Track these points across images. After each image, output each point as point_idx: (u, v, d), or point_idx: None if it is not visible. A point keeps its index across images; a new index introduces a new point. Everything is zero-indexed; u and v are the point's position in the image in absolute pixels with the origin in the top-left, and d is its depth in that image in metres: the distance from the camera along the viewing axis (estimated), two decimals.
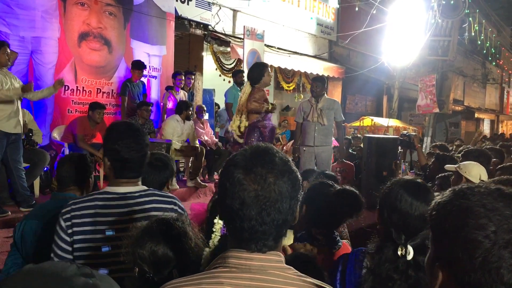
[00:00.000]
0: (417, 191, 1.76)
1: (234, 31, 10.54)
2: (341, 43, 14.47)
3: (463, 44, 19.53)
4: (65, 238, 1.93)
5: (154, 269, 1.52)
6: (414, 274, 1.68)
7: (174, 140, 7.11)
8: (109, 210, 1.96)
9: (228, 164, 1.16)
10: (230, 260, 1.13)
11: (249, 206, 1.09)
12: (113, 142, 2.01)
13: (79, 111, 7.03)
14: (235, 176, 1.11)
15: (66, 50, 6.89)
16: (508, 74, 28.91)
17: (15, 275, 0.74)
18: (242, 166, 1.12)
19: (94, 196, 2.01)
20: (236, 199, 1.10)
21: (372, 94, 17.78)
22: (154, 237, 1.54)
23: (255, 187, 1.09)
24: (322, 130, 6.35)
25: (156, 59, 8.55)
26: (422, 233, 1.72)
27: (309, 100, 6.56)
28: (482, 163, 3.74)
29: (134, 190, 2.05)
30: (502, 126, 29.66)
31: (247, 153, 1.15)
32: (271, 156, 1.14)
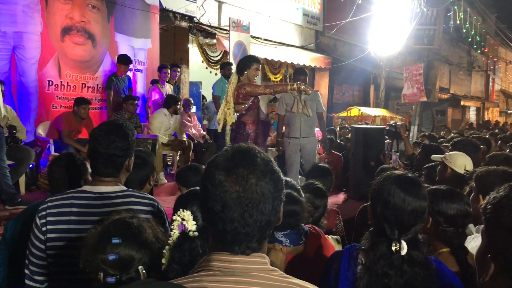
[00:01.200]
0: (409, 186, 1.76)
1: (219, 23, 10.46)
2: (327, 33, 14.45)
3: (448, 32, 19.65)
4: (39, 236, 1.91)
5: (120, 271, 1.49)
6: (409, 269, 1.69)
7: (162, 134, 7.07)
8: (84, 210, 1.94)
9: (209, 166, 1.14)
10: (213, 263, 1.11)
11: (231, 208, 1.07)
12: (93, 137, 2.01)
13: (64, 107, 6.95)
14: (216, 178, 1.09)
15: (49, 45, 6.79)
16: (493, 61, 29.19)
17: None
18: (224, 168, 1.10)
19: (71, 195, 1.99)
20: (218, 201, 1.08)
21: (359, 84, 17.83)
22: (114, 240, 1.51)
23: (236, 189, 1.07)
24: (307, 121, 6.34)
25: (141, 53, 8.47)
26: (414, 227, 1.72)
27: (291, 92, 6.52)
28: (469, 152, 3.76)
29: (112, 190, 2.01)
30: (487, 113, 29.99)
31: (228, 154, 1.13)
32: (253, 156, 1.12)
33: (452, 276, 1.82)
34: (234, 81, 5.41)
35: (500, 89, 32.57)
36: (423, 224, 1.80)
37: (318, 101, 6.55)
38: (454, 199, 2.19)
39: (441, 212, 2.15)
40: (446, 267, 1.85)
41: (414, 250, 1.70)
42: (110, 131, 2.01)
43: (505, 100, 34.60)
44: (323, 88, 14.72)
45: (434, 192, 2.24)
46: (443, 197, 2.19)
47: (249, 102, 5.32)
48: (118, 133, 2.02)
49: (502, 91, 33.12)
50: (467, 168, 3.36)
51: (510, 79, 34.13)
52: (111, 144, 1.99)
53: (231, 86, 5.40)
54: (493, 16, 26.74)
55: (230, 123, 5.47)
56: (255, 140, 5.34)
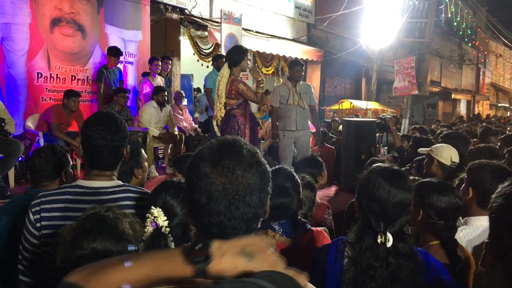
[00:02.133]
0: (394, 178, 1.76)
1: (211, 15, 10.40)
2: (319, 26, 14.43)
3: (439, 25, 19.70)
4: (33, 231, 1.88)
5: None
6: (395, 261, 1.69)
7: (152, 127, 7.03)
8: (80, 205, 1.88)
9: (194, 158, 1.12)
10: None
11: (217, 200, 1.05)
12: (86, 128, 1.95)
13: (53, 99, 6.89)
14: (202, 170, 1.07)
15: (38, 37, 6.71)
16: (483, 54, 29.34)
17: None
18: (209, 159, 1.08)
19: (65, 190, 1.94)
20: (203, 193, 1.06)
21: (351, 77, 17.85)
22: (90, 234, 1.48)
23: (222, 180, 1.05)
24: (303, 113, 6.33)
25: (132, 45, 8.40)
26: (400, 220, 1.73)
27: (284, 83, 6.48)
28: (458, 145, 3.79)
29: (108, 185, 1.97)
30: (478, 107, 30.18)
31: (214, 146, 1.11)
32: (238, 148, 1.10)
33: (440, 267, 1.82)
34: (226, 75, 5.32)
35: (491, 82, 32.77)
36: (409, 216, 1.80)
37: (311, 93, 6.55)
38: (445, 192, 2.19)
39: (432, 205, 2.15)
40: (433, 259, 1.85)
41: (400, 242, 1.71)
42: (108, 122, 1.96)
43: (495, 93, 34.84)
44: (315, 81, 14.72)
45: (425, 185, 2.24)
46: (434, 190, 2.19)
47: (238, 102, 5.27)
48: (115, 123, 1.98)
49: (493, 84, 33.33)
50: (453, 159, 3.39)
51: (500, 72, 34.34)
52: (114, 135, 1.94)
53: (223, 79, 5.32)
54: (484, 9, 26.84)
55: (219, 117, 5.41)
56: (245, 133, 5.30)
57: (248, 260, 0.89)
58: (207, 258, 0.89)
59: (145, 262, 0.93)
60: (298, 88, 6.33)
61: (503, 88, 35.27)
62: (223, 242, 0.92)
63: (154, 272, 0.92)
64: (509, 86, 36.27)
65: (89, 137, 1.92)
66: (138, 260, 0.93)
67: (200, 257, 0.89)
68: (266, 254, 0.92)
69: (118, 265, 0.93)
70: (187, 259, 0.90)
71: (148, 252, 0.92)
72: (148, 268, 0.92)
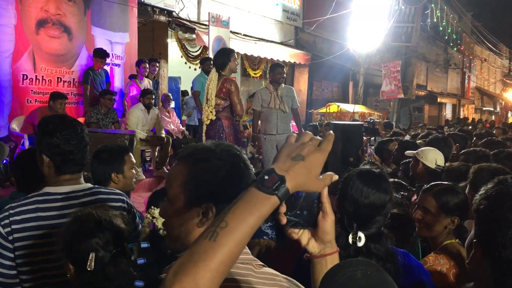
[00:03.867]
0: (369, 178, 1.76)
1: (199, 17, 10.39)
2: (307, 30, 14.49)
3: (425, 30, 19.92)
4: (7, 245, 1.78)
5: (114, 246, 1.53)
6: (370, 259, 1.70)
7: (139, 129, 6.98)
8: (52, 213, 1.83)
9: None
10: None
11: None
12: (50, 136, 1.87)
13: (39, 101, 6.81)
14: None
15: (24, 38, 6.63)
16: (469, 59, 29.70)
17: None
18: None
19: (34, 199, 1.86)
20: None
21: (338, 80, 17.95)
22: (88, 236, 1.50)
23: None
24: (284, 117, 6.36)
25: (119, 47, 8.35)
26: (375, 220, 1.72)
27: (266, 87, 6.51)
28: (443, 148, 3.83)
29: (78, 188, 1.92)
30: (463, 110, 30.53)
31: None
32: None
33: (421, 268, 1.85)
34: (214, 79, 5.33)
35: (476, 86, 33.18)
36: (386, 218, 1.79)
37: (293, 97, 6.57)
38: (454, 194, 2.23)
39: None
40: (414, 260, 1.88)
41: (374, 243, 1.70)
42: (70, 125, 1.92)
43: (480, 97, 35.28)
44: (302, 84, 14.77)
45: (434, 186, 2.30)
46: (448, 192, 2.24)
47: (227, 102, 5.27)
48: (77, 124, 1.95)
49: (478, 88, 33.75)
50: (438, 162, 3.43)
51: (485, 76, 34.80)
52: (81, 137, 1.91)
53: (211, 83, 5.32)
54: (469, 14, 27.21)
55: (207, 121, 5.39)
56: (231, 137, 5.29)
57: (303, 160, 0.91)
58: (282, 181, 0.89)
59: (235, 223, 0.87)
60: (280, 91, 6.35)
61: (488, 92, 35.75)
62: (276, 162, 0.93)
63: (250, 224, 0.87)
64: (493, 90, 36.79)
65: (57, 144, 1.86)
66: (230, 225, 0.87)
67: (275, 184, 0.89)
68: (310, 148, 0.93)
69: (209, 243, 0.85)
70: (266, 192, 0.89)
71: (226, 215, 0.87)
72: (243, 226, 0.87)
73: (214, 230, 0.86)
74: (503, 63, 36.73)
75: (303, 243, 1.05)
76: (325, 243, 1.05)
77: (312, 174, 0.92)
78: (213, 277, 0.82)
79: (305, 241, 1.05)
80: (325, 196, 1.00)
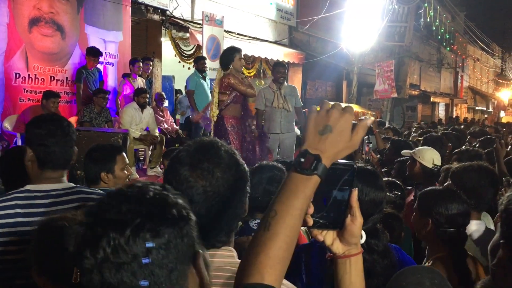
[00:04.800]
0: (367, 177, 1.79)
1: (192, 16, 10.36)
2: (301, 29, 14.49)
3: (419, 29, 19.98)
4: None
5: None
6: (368, 257, 1.71)
7: (133, 128, 6.96)
8: (32, 210, 1.80)
9: (172, 161, 1.12)
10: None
11: (197, 203, 1.06)
12: (35, 127, 1.88)
13: (31, 100, 6.77)
14: (181, 174, 1.07)
15: (16, 36, 6.59)
16: (461, 59, 29.85)
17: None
18: (188, 163, 1.08)
19: (13, 195, 1.84)
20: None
21: (332, 79, 17.97)
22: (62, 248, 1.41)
23: (202, 183, 1.06)
24: (287, 116, 6.37)
25: (112, 45, 8.31)
26: (372, 217, 1.74)
27: (269, 86, 6.52)
28: (438, 147, 3.84)
29: (59, 187, 1.89)
30: (456, 110, 30.68)
31: (192, 149, 1.11)
32: (216, 150, 1.11)
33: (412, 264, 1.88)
34: (218, 77, 5.42)
35: (468, 86, 33.34)
36: (381, 214, 1.82)
37: (296, 96, 6.59)
38: (453, 198, 2.16)
39: (441, 213, 2.12)
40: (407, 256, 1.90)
41: (373, 239, 1.73)
42: (57, 120, 1.93)
43: (473, 96, 35.47)
44: (296, 84, 14.75)
45: (431, 193, 2.24)
46: (442, 198, 2.17)
47: (230, 97, 5.28)
48: (64, 121, 1.95)
49: (470, 88, 33.92)
50: (435, 162, 3.44)
51: (478, 76, 34.98)
52: (66, 132, 1.91)
53: (215, 82, 5.43)
54: (462, 14, 27.35)
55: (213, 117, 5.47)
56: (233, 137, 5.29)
57: (331, 132, 0.93)
58: (318, 160, 0.91)
59: (283, 209, 0.90)
60: (283, 90, 6.36)
61: (481, 92, 35.95)
62: (306, 141, 0.94)
63: (297, 206, 0.90)
64: (486, 89, 36.99)
65: (42, 135, 1.86)
66: (279, 212, 0.89)
67: (312, 164, 0.90)
68: (335, 115, 0.95)
69: (265, 236, 0.89)
70: (306, 174, 0.90)
71: (274, 204, 0.90)
72: (291, 210, 0.89)
73: (266, 220, 0.90)
74: (496, 62, 36.95)
75: (328, 243, 1.05)
76: (350, 245, 1.05)
77: (344, 139, 0.94)
78: (275, 264, 0.86)
79: (329, 242, 1.05)
80: (355, 200, 1.01)
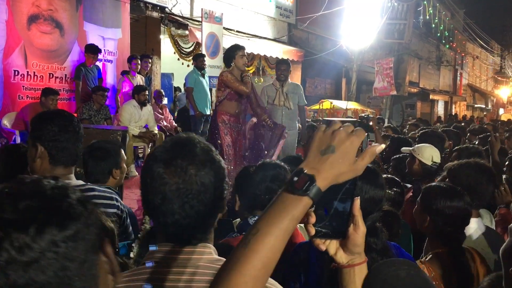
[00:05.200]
0: (367, 175, 1.77)
1: (192, 14, 10.35)
2: (300, 26, 14.48)
3: (418, 27, 19.97)
4: None
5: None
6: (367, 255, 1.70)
7: (132, 126, 6.96)
8: None
9: (148, 159, 1.12)
10: (156, 255, 1.10)
11: (171, 200, 1.06)
12: (48, 123, 1.86)
13: (30, 97, 6.76)
14: (155, 171, 1.07)
15: (15, 34, 6.58)
16: (461, 56, 29.84)
17: None
18: (162, 160, 1.08)
19: None
20: (158, 194, 1.07)
21: (331, 77, 17.97)
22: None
23: (176, 180, 1.06)
24: (289, 114, 6.36)
25: (111, 43, 8.30)
26: (372, 215, 1.73)
27: (273, 84, 6.53)
28: (437, 144, 3.84)
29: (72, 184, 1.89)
30: (455, 107, 30.68)
31: (167, 145, 1.12)
32: (192, 146, 1.11)
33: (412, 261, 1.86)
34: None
35: (468, 83, 33.34)
36: (381, 212, 1.81)
37: (299, 94, 6.58)
38: (454, 197, 2.09)
39: (439, 211, 2.07)
40: (405, 253, 1.89)
41: (372, 237, 1.70)
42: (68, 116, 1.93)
43: (472, 94, 35.47)
44: (295, 81, 14.73)
45: (433, 189, 2.18)
46: (442, 195, 2.10)
47: (224, 93, 5.26)
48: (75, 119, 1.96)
49: (469, 86, 33.92)
50: (434, 159, 3.43)
51: (477, 73, 34.98)
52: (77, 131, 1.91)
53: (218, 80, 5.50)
54: (461, 11, 27.33)
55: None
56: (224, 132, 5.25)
57: (333, 152, 0.86)
58: (312, 181, 0.85)
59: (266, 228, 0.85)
60: (286, 88, 6.35)
61: (480, 89, 35.95)
62: (306, 159, 0.89)
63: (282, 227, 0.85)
64: (485, 87, 37.00)
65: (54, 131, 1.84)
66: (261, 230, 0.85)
67: (305, 184, 0.85)
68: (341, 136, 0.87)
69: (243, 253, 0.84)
70: (297, 194, 0.85)
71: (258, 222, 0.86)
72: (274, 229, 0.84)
73: (246, 237, 0.86)
74: (495, 60, 36.96)
75: (331, 252, 1.02)
76: (354, 254, 1.03)
77: (347, 162, 0.86)
78: (247, 282, 0.82)
79: (332, 251, 1.03)
80: (357, 209, 0.98)
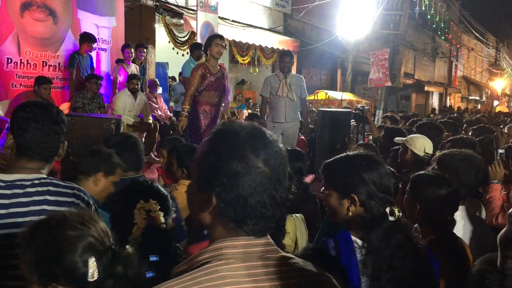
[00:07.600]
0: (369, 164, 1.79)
1: (187, 2, 10.27)
2: (295, 16, 14.42)
3: (414, 18, 19.93)
4: None
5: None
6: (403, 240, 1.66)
7: (126, 115, 6.93)
8: None
9: (236, 148, 1.03)
10: (226, 250, 1.02)
11: (261, 191, 1.03)
12: (21, 110, 1.78)
13: (23, 85, 6.71)
14: (250, 160, 1.02)
15: (8, 21, 6.50)
16: (456, 48, 29.85)
17: None
18: (251, 149, 1.03)
19: None
20: (251, 183, 1.01)
21: (327, 67, 17.94)
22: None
23: (267, 170, 1.03)
24: (292, 105, 6.38)
25: (106, 31, 8.23)
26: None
27: (276, 74, 6.54)
28: (433, 135, 3.84)
29: (28, 177, 1.75)
30: (450, 99, 30.76)
31: (246, 135, 1.05)
32: (268, 136, 1.08)
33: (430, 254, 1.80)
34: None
35: (462, 75, 33.40)
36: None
37: (302, 86, 6.59)
38: (442, 185, 2.11)
39: (428, 199, 2.08)
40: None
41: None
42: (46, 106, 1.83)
43: (467, 86, 35.54)
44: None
45: (421, 178, 2.19)
46: (431, 183, 2.11)
47: (204, 84, 5.31)
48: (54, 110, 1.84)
49: (464, 77, 33.98)
50: (426, 150, 3.44)
51: (472, 65, 35.05)
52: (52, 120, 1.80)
53: None
54: (457, 3, 27.27)
55: None
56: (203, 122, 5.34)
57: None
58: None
59: None
60: (289, 79, 6.36)
61: (475, 81, 36.03)
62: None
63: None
64: (480, 79, 37.08)
65: (24, 118, 1.75)
66: None
67: None
68: None
69: None
70: None
71: None
72: None
73: None
74: (490, 52, 37.00)
75: None
76: None
77: None
78: None
79: None
80: None
